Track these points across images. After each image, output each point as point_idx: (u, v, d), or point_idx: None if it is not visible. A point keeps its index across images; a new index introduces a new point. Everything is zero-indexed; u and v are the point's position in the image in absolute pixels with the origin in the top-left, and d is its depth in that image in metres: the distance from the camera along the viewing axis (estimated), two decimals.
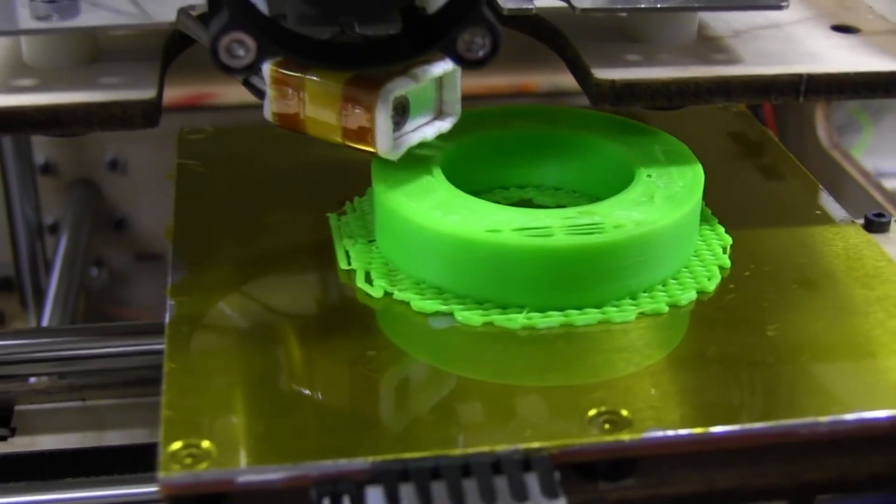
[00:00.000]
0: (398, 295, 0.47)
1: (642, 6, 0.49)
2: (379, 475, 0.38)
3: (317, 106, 0.47)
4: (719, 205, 0.53)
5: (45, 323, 0.74)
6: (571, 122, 0.55)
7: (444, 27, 0.42)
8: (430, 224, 0.47)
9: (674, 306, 0.47)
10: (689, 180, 0.50)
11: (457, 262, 0.47)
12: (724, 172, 0.58)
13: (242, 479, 0.38)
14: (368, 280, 0.48)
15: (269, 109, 0.49)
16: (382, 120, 0.46)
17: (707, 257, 0.50)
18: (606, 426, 0.40)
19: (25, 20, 0.46)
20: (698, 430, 0.40)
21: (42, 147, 0.83)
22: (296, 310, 0.48)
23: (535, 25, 0.53)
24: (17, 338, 0.60)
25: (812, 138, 0.84)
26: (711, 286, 0.49)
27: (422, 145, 0.49)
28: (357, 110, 0.46)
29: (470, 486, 0.38)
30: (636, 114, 0.55)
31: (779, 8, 0.49)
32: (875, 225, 0.57)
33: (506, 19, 0.49)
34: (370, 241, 0.51)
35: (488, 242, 0.46)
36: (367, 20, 0.45)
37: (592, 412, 0.41)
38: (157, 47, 0.50)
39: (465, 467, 0.38)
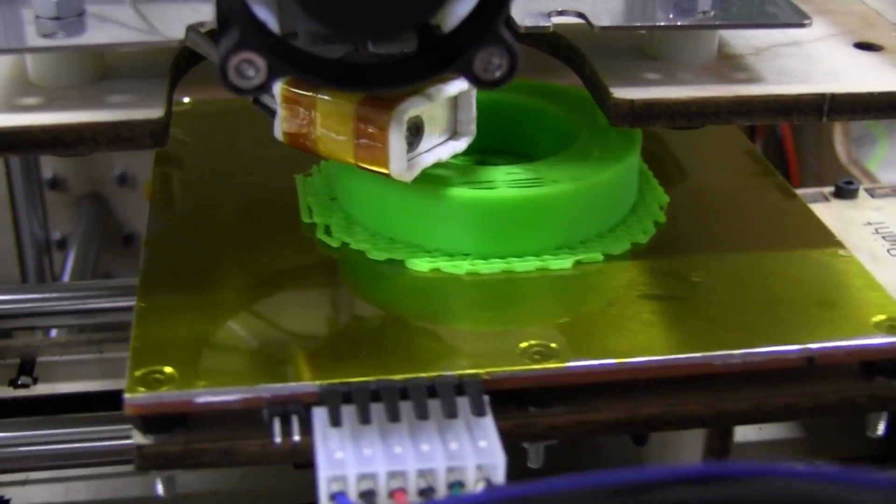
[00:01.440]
0: (354, 245, 0.51)
1: (661, 24, 0.48)
2: (324, 397, 0.42)
3: (329, 126, 0.46)
4: (665, 169, 0.58)
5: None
6: (525, 91, 0.58)
7: (460, 47, 0.41)
8: (383, 180, 0.49)
9: (608, 256, 0.51)
10: (627, 141, 0.53)
11: (406, 214, 0.50)
12: (673, 141, 0.62)
13: (201, 399, 0.42)
14: (328, 232, 0.52)
15: (280, 129, 0.48)
16: (396, 141, 0.45)
17: (644, 214, 0.54)
18: (536, 356, 0.44)
19: (31, 38, 0.45)
20: (619, 360, 0.44)
21: (49, 162, 0.82)
22: (259, 258, 0.51)
23: (552, 43, 0.52)
24: (38, 292, 0.67)
25: (830, 154, 0.83)
26: (645, 239, 0.52)
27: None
28: (370, 130, 0.46)
29: (407, 407, 0.42)
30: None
31: (801, 26, 0.48)
32: (844, 192, 0.64)
33: (523, 37, 0.48)
34: (332, 199, 0.54)
35: (435, 195, 0.49)
36: (381, 39, 0.44)
37: (524, 345, 0.44)
38: (166, 64, 0.49)
39: (403, 391, 0.42)
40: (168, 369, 0.43)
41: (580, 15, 0.48)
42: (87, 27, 0.46)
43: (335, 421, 0.41)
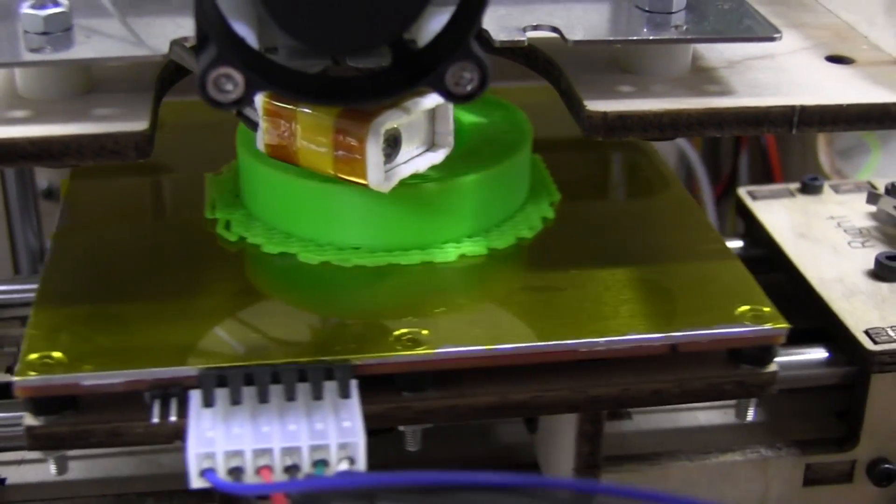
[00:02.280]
0: (251, 239, 0.53)
1: (634, 38, 0.49)
2: (200, 380, 0.44)
3: (309, 138, 0.47)
4: (564, 170, 0.60)
5: None
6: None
7: (432, 61, 0.42)
8: (277, 175, 0.52)
9: (493, 250, 0.53)
10: (516, 140, 0.56)
11: (299, 209, 0.53)
12: (580, 144, 0.62)
13: (87, 382, 0.45)
14: (228, 227, 0.54)
15: (262, 140, 0.49)
16: (373, 152, 0.46)
17: (532, 209, 0.56)
18: (407, 343, 0.46)
19: (19, 52, 0.46)
20: (487, 347, 0.46)
21: (44, 172, 0.83)
22: (162, 252, 0.54)
23: (529, 56, 0.53)
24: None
25: (814, 165, 0.84)
26: (531, 234, 0.54)
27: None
28: (349, 142, 0.47)
29: (277, 390, 0.44)
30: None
31: (772, 39, 0.49)
32: (810, 188, 0.66)
33: (499, 50, 0.49)
34: (237, 196, 0.56)
35: (325, 190, 0.51)
36: (356, 55, 0.45)
37: (397, 332, 0.47)
38: (152, 78, 0.50)
39: (275, 375, 0.45)
40: (57, 354, 0.45)
41: (554, 29, 0.49)
42: (75, 42, 0.47)
43: (208, 402, 0.44)
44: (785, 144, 0.88)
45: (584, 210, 0.58)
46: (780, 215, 0.65)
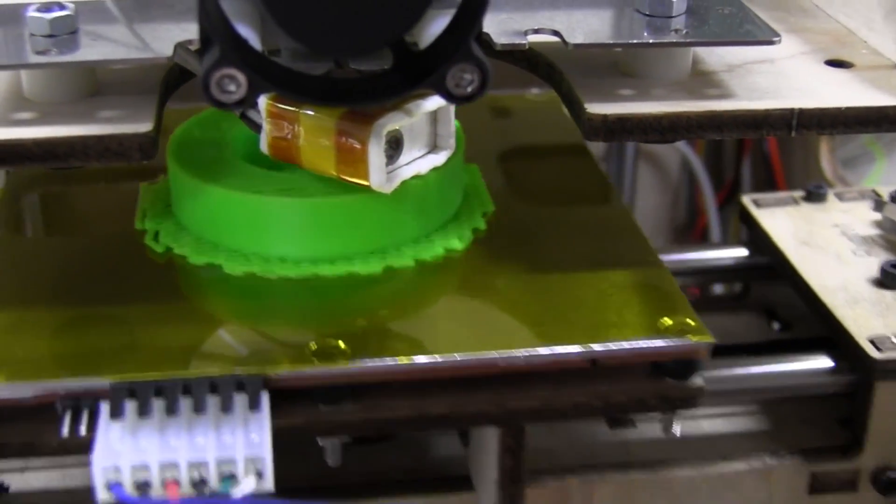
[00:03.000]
0: (178, 250, 0.53)
1: (635, 41, 0.49)
2: (111, 392, 0.44)
3: (311, 139, 0.48)
4: (500, 179, 0.60)
5: None
6: None
7: (433, 63, 0.42)
8: (203, 186, 0.52)
9: (419, 261, 0.52)
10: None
11: (224, 219, 0.52)
12: (518, 154, 0.65)
13: None
14: (156, 238, 0.54)
15: (265, 142, 0.49)
16: (375, 154, 0.47)
17: (464, 220, 0.55)
18: (323, 356, 0.46)
19: (25, 54, 0.46)
20: (403, 360, 0.46)
21: None
22: (88, 262, 0.53)
23: (530, 60, 0.53)
24: None
25: (816, 171, 0.84)
26: (461, 245, 0.54)
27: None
28: (351, 144, 0.47)
29: (188, 403, 0.44)
30: None
31: (771, 43, 0.50)
32: (814, 196, 0.66)
33: (500, 54, 0.49)
34: (168, 206, 0.56)
35: (249, 200, 0.51)
36: (358, 57, 0.45)
37: (314, 346, 0.46)
38: (156, 81, 0.50)
39: (186, 387, 0.44)
40: None
41: (555, 33, 0.49)
42: (80, 45, 0.47)
43: (116, 414, 0.43)
44: (787, 151, 0.89)
45: (518, 220, 0.57)
46: (785, 223, 0.65)
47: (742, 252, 0.66)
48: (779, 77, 0.52)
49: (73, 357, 0.46)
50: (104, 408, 0.44)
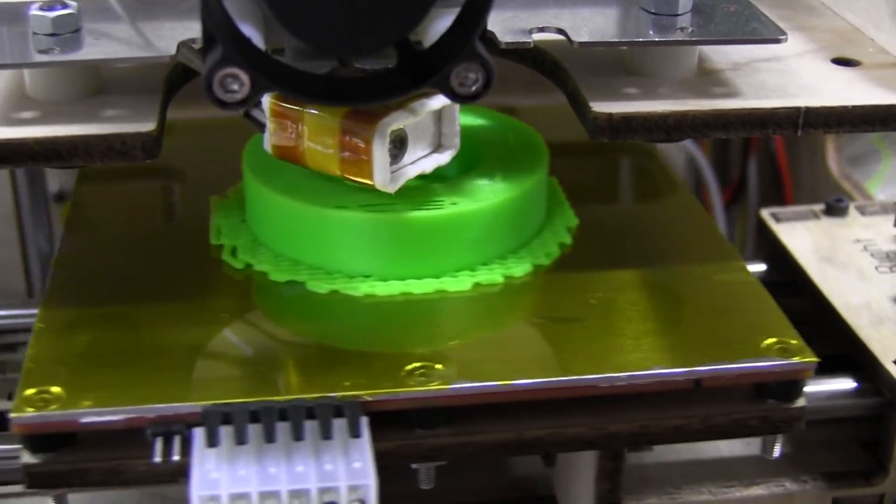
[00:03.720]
0: (257, 266, 0.52)
1: (640, 40, 0.49)
2: (204, 417, 0.43)
3: (315, 139, 0.48)
4: (581, 193, 0.59)
5: None
6: None
7: (438, 62, 0.42)
8: (284, 201, 0.51)
9: (509, 278, 0.51)
10: (532, 164, 0.54)
11: (307, 236, 0.51)
12: (595, 164, 0.64)
13: (86, 419, 0.43)
14: (234, 254, 0.53)
15: (269, 142, 0.49)
16: (379, 153, 0.47)
17: (549, 236, 0.55)
18: (420, 378, 0.44)
19: (28, 53, 0.46)
20: (503, 382, 0.44)
21: (55, 175, 0.83)
22: (164, 280, 0.52)
23: (535, 58, 0.53)
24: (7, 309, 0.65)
25: (823, 169, 0.84)
26: (547, 261, 0.53)
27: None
28: (355, 143, 0.47)
29: (285, 428, 0.43)
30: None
31: (778, 41, 0.49)
32: (835, 210, 0.64)
33: (505, 52, 0.49)
34: (243, 220, 0.55)
35: (334, 217, 0.50)
36: (361, 55, 0.45)
37: (409, 367, 0.45)
38: (160, 80, 0.50)
39: (283, 412, 0.43)
40: (56, 389, 0.44)
41: (560, 31, 0.49)
42: (83, 43, 0.47)
43: (212, 441, 0.42)
44: (794, 150, 0.88)
45: (602, 235, 0.56)
46: (805, 238, 0.63)
47: (760, 267, 0.64)
48: (785, 75, 0.52)
49: (160, 380, 0.45)
50: (199, 434, 0.42)
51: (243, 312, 0.50)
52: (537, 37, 0.49)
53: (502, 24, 0.49)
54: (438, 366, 0.45)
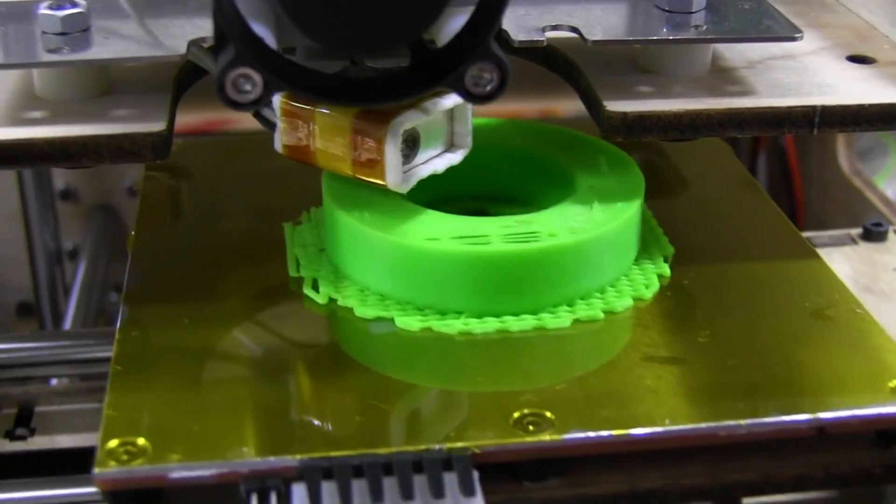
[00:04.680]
0: (342, 301, 0.49)
1: (654, 38, 0.48)
2: (304, 472, 0.40)
3: (327, 138, 0.47)
4: (669, 216, 0.56)
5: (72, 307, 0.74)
6: (523, 134, 0.56)
7: (452, 62, 0.42)
8: (372, 233, 0.48)
9: (609, 313, 0.49)
10: (629, 191, 0.51)
11: (396, 269, 0.48)
12: (680, 183, 0.61)
13: (175, 474, 0.40)
14: (315, 287, 0.50)
15: (280, 141, 0.49)
16: (392, 153, 0.46)
17: (647, 266, 0.52)
18: (530, 427, 0.42)
19: (36, 53, 0.46)
20: (618, 432, 0.42)
21: (61, 173, 0.83)
22: (243, 317, 0.49)
23: (548, 57, 0.52)
24: (37, 340, 0.63)
25: (833, 165, 0.83)
26: (649, 294, 0.50)
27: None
28: (367, 143, 0.46)
29: (391, 484, 0.40)
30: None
31: (793, 39, 0.49)
32: (873, 234, 0.60)
33: (518, 51, 0.49)
34: (321, 250, 0.52)
35: (426, 250, 0.47)
36: (375, 55, 0.45)
37: (517, 414, 0.42)
38: (169, 79, 0.50)
39: (388, 466, 0.40)
40: (141, 441, 0.41)
41: (573, 29, 0.49)
42: (93, 43, 0.47)
43: (315, 499, 0.39)
44: (804, 145, 0.88)
45: (700, 263, 0.53)
46: (842, 266, 0.60)
47: None
48: (800, 73, 0.51)
49: (252, 430, 0.42)
50: (298, 491, 0.39)
51: (330, 353, 0.48)
52: (550, 35, 0.49)
53: (515, 23, 0.49)
54: (549, 413, 0.42)
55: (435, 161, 0.49)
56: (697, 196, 0.60)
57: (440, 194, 0.54)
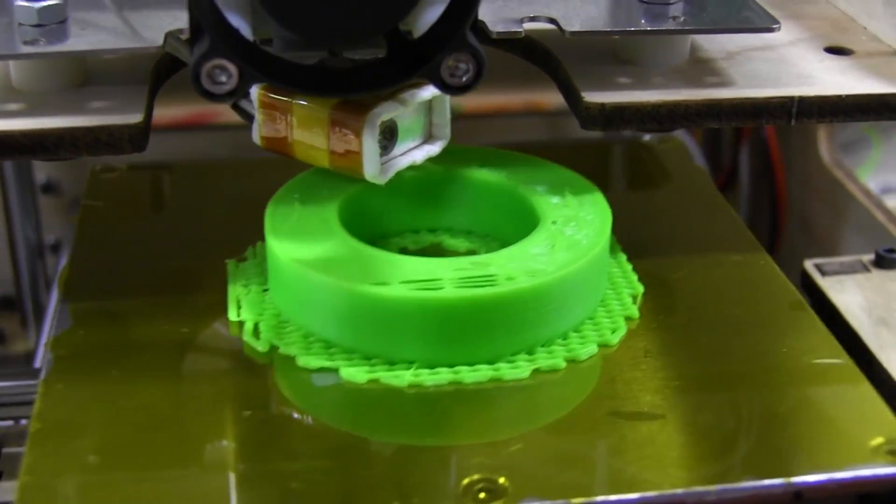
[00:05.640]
0: (284, 349, 0.46)
1: (632, 29, 0.48)
2: None
3: (304, 130, 0.47)
4: (636, 247, 0.53)
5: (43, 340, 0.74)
6: (483, 162, 0.53)
7: (428, 52, 0.42)
8: (315, 276, 0.45)
9: (572, 361, 0.46)
10: (595, 227, 0.49)
11: (342, 316, 0.45)
12: (650, 212, 0.58)
13: None
14: (257, 333, 0.47)
15: (258, 133, 0.49)
16: (369, 144, 0.46)
17: (614, 307, 0.49)
18: (481, 495, 0.39)
19: (13, 44, 0.46)
20: (577, 501, 0.39)
21: (43, 166, 0.83)
22: (178, 366, 0.46)
23: (526, 48, 0.52)
24: (8, 380, 0.58)
25: (815, 157, 0.83)
26: (615, 339, 0.47)
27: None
28: (344, 134, 0.46)
29: None
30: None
31: (771, 30, 0.49)
32: (886, 261, 0.57)
33: (496, 42, 0.49)
34: (265, 290, 0.49)
35: (374, 296, 0.44)
36: (351, 45, 0.45)
37: (467, 481, 0.39)
38: (147, 71, 0.49)
39: None
40: None
41: (551, 20, 0.49)
42: (69, 34, 0.46)
43: None
44: (786, 138, 0.88)
45: (672, 303, 0.50)
46: (855, 296, 0.56)
47: None
48: (778, 64, 0.51)
49: (179, 496, 0.39)
50: None
51: (268, 406, 0.44)
52: (528, 26, 0.49)
53: (493, 14, 0.49)
54: (501, 479, 0.39)
55: (414, 152, 0.49)
56: (669, 221, 0.57)
57: (395, 226, 0.53)
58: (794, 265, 0.61)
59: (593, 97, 0.48)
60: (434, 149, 0.50)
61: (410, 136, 0.49)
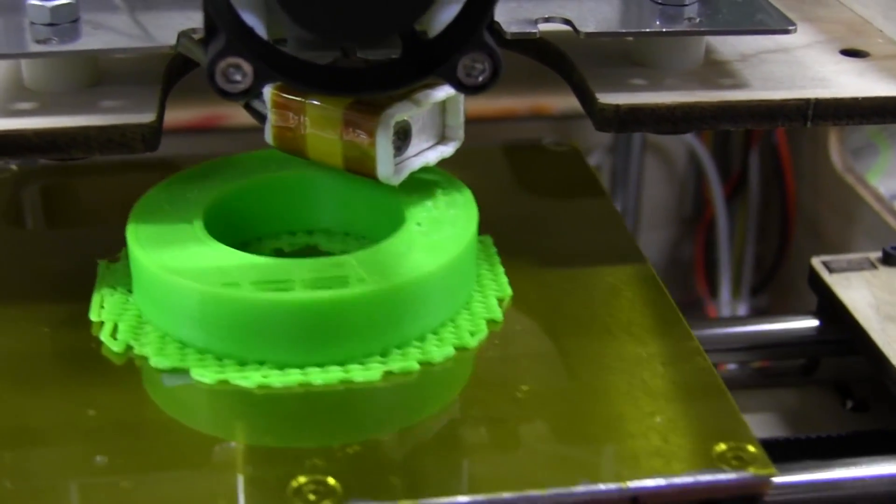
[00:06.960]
0: (138, 350, 0.46)
1: (647, 31, 0.48)
2: None
3: (318, 130, 0.47)
4: (515, 250, 0.52)
5: None
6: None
7: (444, 52, 0.41)
8: (167, 277, 0.45)
9: (426, 364, 0.45)
10: (459, 229, 0.48)
11: (193, 316, 0.45)
12: (535, 217, 0.57)
13: None
14: (115, 333, 0.47)
15: (270, 133, 0.48)
16: (383, 145, 0.46)
17: (478, 310, 0.48)
18: (310, 497, 0.39)
19: (25, 44, 0.45)
20: (405, 503, 0.38)
21: None
22: (34, 366, 0.46)
23: (540, 49, 0.52)
24: None
25: (825, 163, 0.83)
26: (474, 342, 0.47)
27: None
28: (358, 135, 0.46)
29: None
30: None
31: (787, 32, 0.49)
32: (893, 259, 0.56)
33: (510, 43, 0.49)
34: (130, 292, 0.49)
35: (223, 296, 0.44)
36: (366, 45, 0.44)
37: (295, 483, 0.39)
38: (159, 71, 0.49)
39: None
40: None
41: (566, 21, 0.48)
42: (82, 33, 0.46)
43: None
44: (796, 142, 0.88)
45: (539, 308, 0.49)
46: (862, 292, 0.56)
47: (812, 323, 0.59)
48: (793, 66, 0.51)
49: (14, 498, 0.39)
50: None
51: (115, 406, 0.44)
52: (543, 27, 0.48)
53: (507, 15, 0.49)
54: (332, 480, 0.39)
55: (427, 153, 0.49)
56: (553, 226, 0.57)
57: (271, 228, 0.53)
58: (804, 269, 0.61)
59: (608, 99, 0.48)
60: (447, 150, 0.49)
61: (424, 137, 0.49)
